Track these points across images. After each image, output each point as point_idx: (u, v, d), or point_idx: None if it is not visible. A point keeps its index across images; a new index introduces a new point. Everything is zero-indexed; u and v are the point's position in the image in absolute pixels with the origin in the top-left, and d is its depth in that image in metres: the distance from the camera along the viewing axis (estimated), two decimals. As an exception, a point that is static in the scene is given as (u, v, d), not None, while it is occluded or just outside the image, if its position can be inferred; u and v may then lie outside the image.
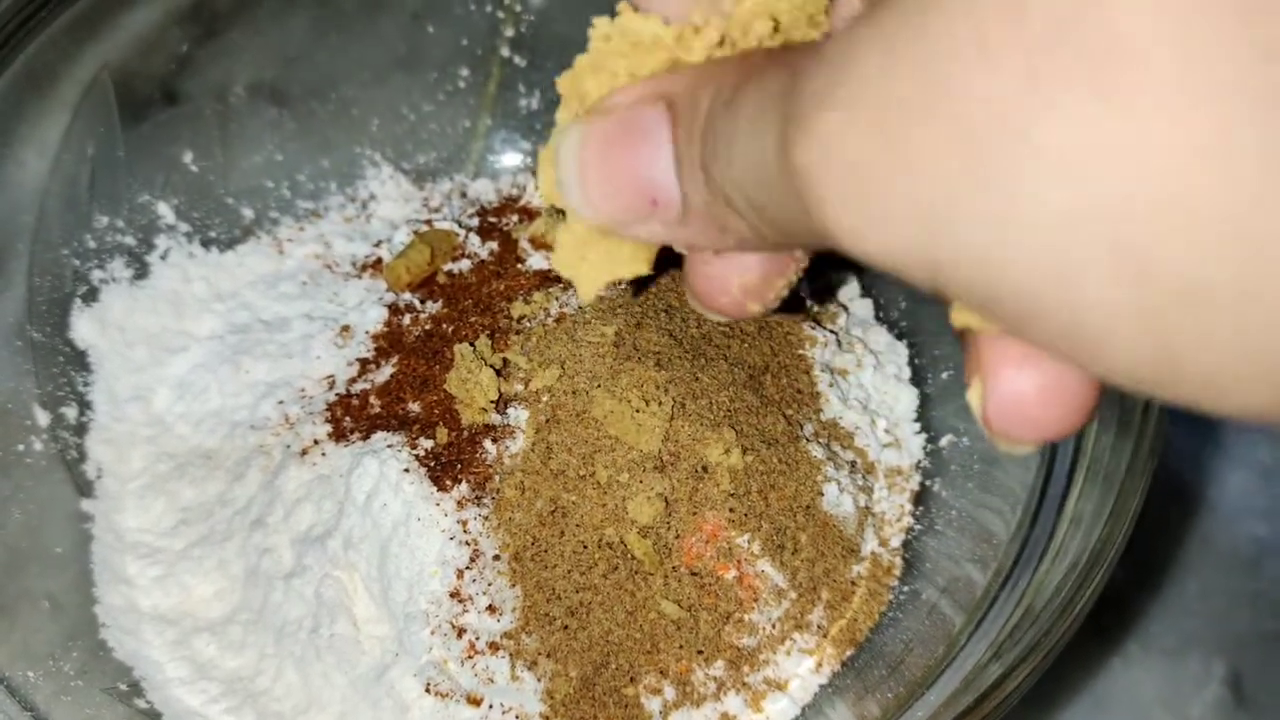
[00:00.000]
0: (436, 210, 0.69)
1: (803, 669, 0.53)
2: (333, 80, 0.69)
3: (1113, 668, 0.64)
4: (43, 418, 0.58)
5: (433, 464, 0.53)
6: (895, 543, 0.57)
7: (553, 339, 0.55)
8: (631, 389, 0.52)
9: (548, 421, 0.53)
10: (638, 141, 0.28)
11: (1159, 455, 0.48)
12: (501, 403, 0.54)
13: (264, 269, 0.66)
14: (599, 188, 0.29)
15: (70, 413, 0.59)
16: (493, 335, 0.56)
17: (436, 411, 0.55)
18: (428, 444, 0.54)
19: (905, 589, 0.56)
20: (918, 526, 0.58)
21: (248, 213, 0.68)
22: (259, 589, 0.55)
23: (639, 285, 0.57)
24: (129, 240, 0.63)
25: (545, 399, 0.54)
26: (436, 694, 0.51)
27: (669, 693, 0.51)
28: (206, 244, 0.66)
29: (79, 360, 0.61)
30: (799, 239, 0.26)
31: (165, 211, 0.65)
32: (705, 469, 0.52)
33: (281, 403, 0.59)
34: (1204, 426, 0.68)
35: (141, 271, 0.64)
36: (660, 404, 0.52)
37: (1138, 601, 0.65)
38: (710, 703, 0.52)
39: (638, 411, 0.52)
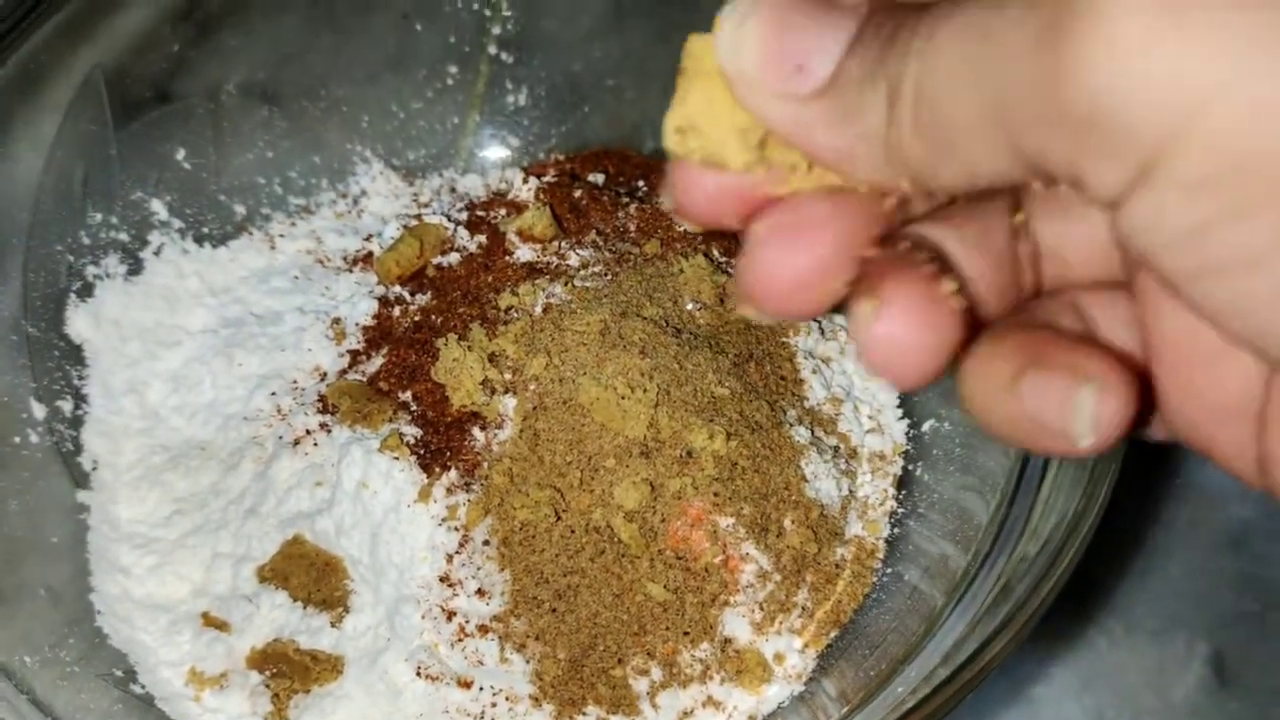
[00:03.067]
0: (426, 205, 0.70)
1: (788, 650, 0.54)
2: (324, 79, 0.70)
3: (1098, 649, 0.65)
4: (39, 411, 0.59)
5: (422, 451, 0.54)
6: (879, 526, 0.57)
7: (540, 329, 0.56)
8: (617, 376, 0.53)
9: (535, 409, 0.54)
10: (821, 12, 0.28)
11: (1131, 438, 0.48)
12: (489, 390, 0.55)
13: (256, 264, 0.67)
14: (757, 31, 0.28)
15: (66, 406, 0.60)
16: (481, 325, 0.57)
17: (426, 400, 0.56)
18: (416, 432, 0.55)
19: (888, 571, 0.56)
20: (901, 510, 0.58)
21: (240, 209, 0.68)
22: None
23: (628, 262, 0.58)
24: (123, 237, 0.64)
25: (533, 387, 0.54)
26: (427, 677, 0.52)
27: (656, 674, 0.52)
28: (199, 240, 0.67)
29: (74, 355, 0.62)
30: (965, 161, 0.26)
31: (159, 208, 0.65)
32: (690, 454, 0.53)
33: (274, 394, 0.60)
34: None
35: (135, 267, 0.65)
36: (645, 391, 0.53)
37: (1122, 583, 0.66)
38: (697, 684, 0.53)
39: (623, 398, 0.53)
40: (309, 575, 0.55)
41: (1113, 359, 0.29)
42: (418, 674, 0.52)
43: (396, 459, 0.53)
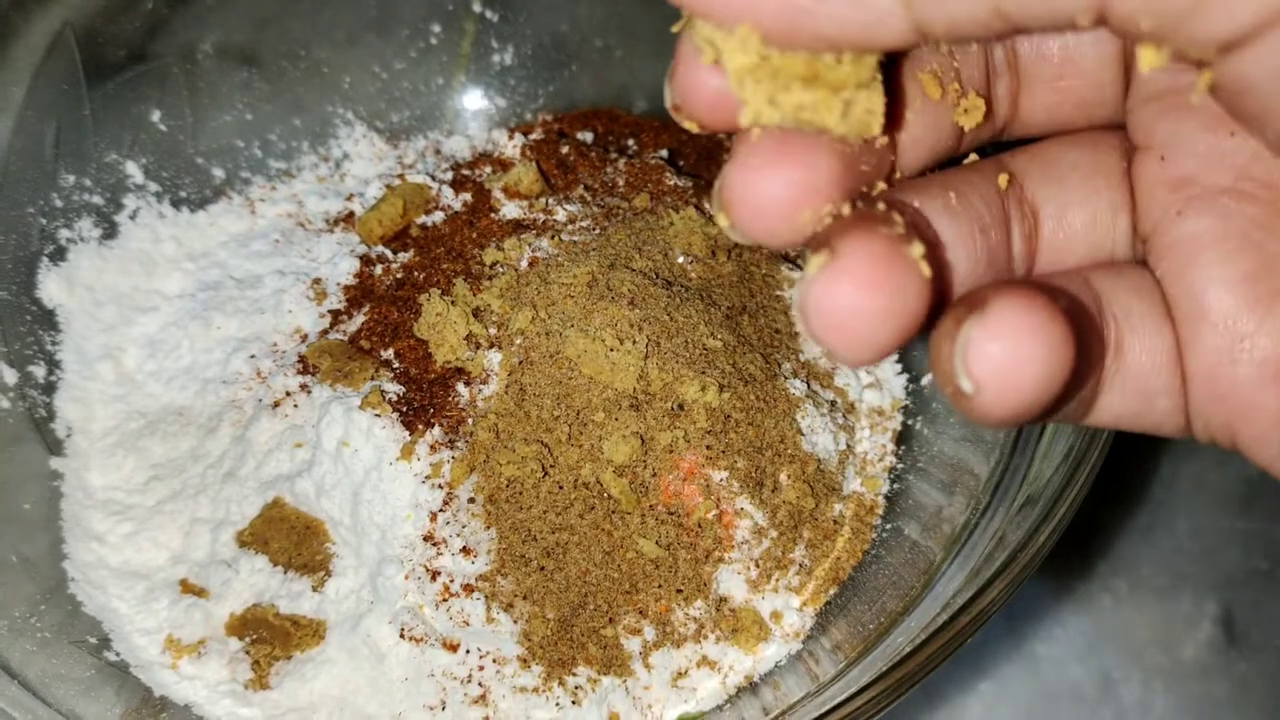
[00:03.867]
0: (410, 167, 0.68)
1: (786, 608, 0.52)
2: (304, 40, 0.68)
3: (1104, 606, 0.63)
4: (10, 376, 0.57)
5: (405, 409, 0.53)
6: (878, 482, 0.56)
7: (525, 282, 0.54)
8: (605, 328, 0.51)
9: (521, 363, 0.52)
10: None
11: None
12: (474, 345, 0.53)
13: (236, 228, 0.66)
14: None
15: (38, 371, 0.59)
16: (466, 280, 0.55)
17: (409, 357, 0.54)
18: (399, 389, 0.53)
19: (888, 526, 0.55)
20: (900, 465, 0.57)
21: (218, 173, 0.67)
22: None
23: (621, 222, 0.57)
24: (97, 200, 0.63)
25: (518, 341, 0.53)
26: (412, 639, 0.50)
27: (649, 633, 0.51)
28: (177, 204, 0.65)
29: (47, 319, 0.60)
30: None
31: (134, 171, 0.64)
32: (681, 407, 0.51)
33: (253, 357, 0.59)
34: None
35: (110, 231, 0.63)
36: (634, 342, 0.51)
37: (1128, 541, 0.64)
38: (691, 643, 0.51)
39: (612, 350, 0.51)
40: (289, 539, 0.53)
41: (1031, 294, 0.26)
42: (401, 636, 0.50)
43: (378, 416, 0.52)
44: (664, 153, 0.66)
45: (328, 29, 0.69)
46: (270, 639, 0.52)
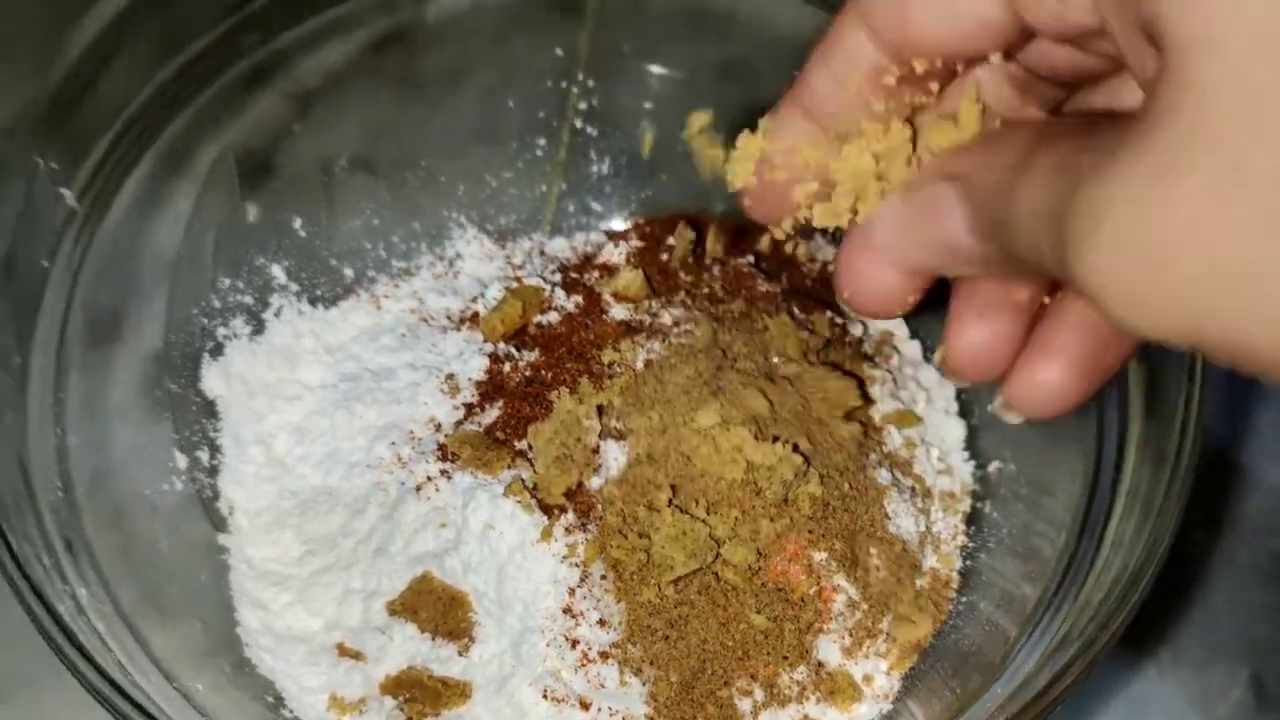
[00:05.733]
0: (520, 267, 0.75)
1: (876, 672, 0.59)
2: (420, 152, 0.76)
3: (1148, 675, 0.70)
4: (181, 461, 0.65)
5: (540, 496, 0.60)
6: (952, 559, 0.63)
7: (642, 382, 0.62)
8: (716, 426, 0.59)
9: (640, 456, 0.60)
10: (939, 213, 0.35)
11: (1191, 485, 0.53)
12: (600, 438, 0.61)
13: (365, 323, 0.73)
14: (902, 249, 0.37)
15: (204, 456, 0.66)
16: (589, 379, 0.63)
17: (541, 448, 0.62)
18: (533, 477, 0.61)
19: (963, 600, 0.62)
20: (971, 544, 0.64)
21: (348, 272, 0.74)
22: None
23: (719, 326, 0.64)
24: (247, 300, 0.70)
25: (639, 436, 0.60)
26: (552, 699, 0.57)
27: (759, 694, 0.58)
28: (313, 301, 0.73)
29: (209, 409, 0.67)
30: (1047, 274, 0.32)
31: (278, 273, 0.71)
32: (787, 497, 0.58)
33: (393, 444, 0.66)
34: (1222, 454, 0.75)
35: (258, 328, 0.70)
36: (743, 440, 0.58)
37: (1168, 615, 0.71)
38: (795, 703, 0.58)
39: (723, 446, 0.58)
40: (436, 609, 0.60)
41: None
42: (544, 697, 0.57)
43: (519, 503, 0.59)
44: (750, 258, 0.74)
45: (436, 139, 0.77)
46: (422, 698, 0.59)
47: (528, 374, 0.65)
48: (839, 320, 0.70)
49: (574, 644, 0.57)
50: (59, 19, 0.64)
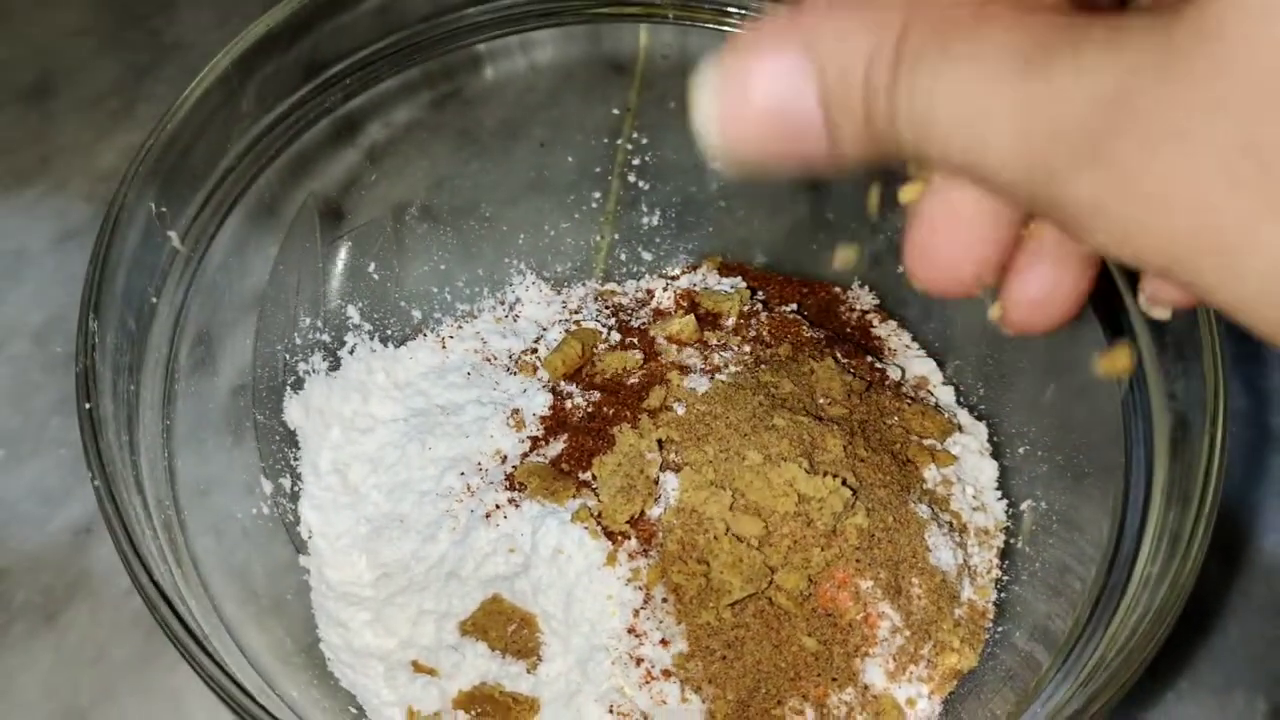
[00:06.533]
0: (576, 311, 0.80)
1: (918, 695, 0.63)
2: (480, 200, 0.81)
3: (1168, 704, 0.74)
4: (267, 487, 0.69)
5: (605, 523, 0.64)
6: (988, 591, 0.67)
7: (698, 419, 0.67)
8: (767, 461, 0.63)
9: (696, 488, 0.64)
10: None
11: (1214, 523, 0.57)
12: (660, 471, 0.65)
13: (431, 362, 0.78)
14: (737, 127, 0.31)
15: (286, 483, 0.71)
16: (648, 416, 0.68)
17: (604, 480, 0.66)
18: (599, 505, 0.65)
19: (999, 630, 0.66)
20: (1005, 578, 0.68)
21: (416, 314, 0.79)
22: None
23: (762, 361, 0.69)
24: (325, 338, 0.75)
25: (696, 470, 0.65)
26: (618, 714, 0.61)
27: (809, 714, 0.62)
28: (384, 340, 0.78)
29: (291, 438, 0.72)
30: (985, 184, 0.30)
31: (353, 313, 0.76)
32: (835, 527, 0.63)
33: (463, 474, 0.70)
34: (1241, 495, 0.79)
35: (335, 364, 0.75)
36: (794, 475, 0.63)
37: (1188, 645, 0.75)
38: (843, 723, 0.62)
39: (774, 480, 0.63)
40: (506, 628, 0.65)
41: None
42: (610, 712, 0.61)
43: (586, 529, 0.63)
44: (793, 306, 0.78)
45: (495, 189, 0.82)
46: (494, 712, 0.63)
47: (589, 410, 0.70)
48: (879, 365, 0.74)
49: (638, 662, 0.61)
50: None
